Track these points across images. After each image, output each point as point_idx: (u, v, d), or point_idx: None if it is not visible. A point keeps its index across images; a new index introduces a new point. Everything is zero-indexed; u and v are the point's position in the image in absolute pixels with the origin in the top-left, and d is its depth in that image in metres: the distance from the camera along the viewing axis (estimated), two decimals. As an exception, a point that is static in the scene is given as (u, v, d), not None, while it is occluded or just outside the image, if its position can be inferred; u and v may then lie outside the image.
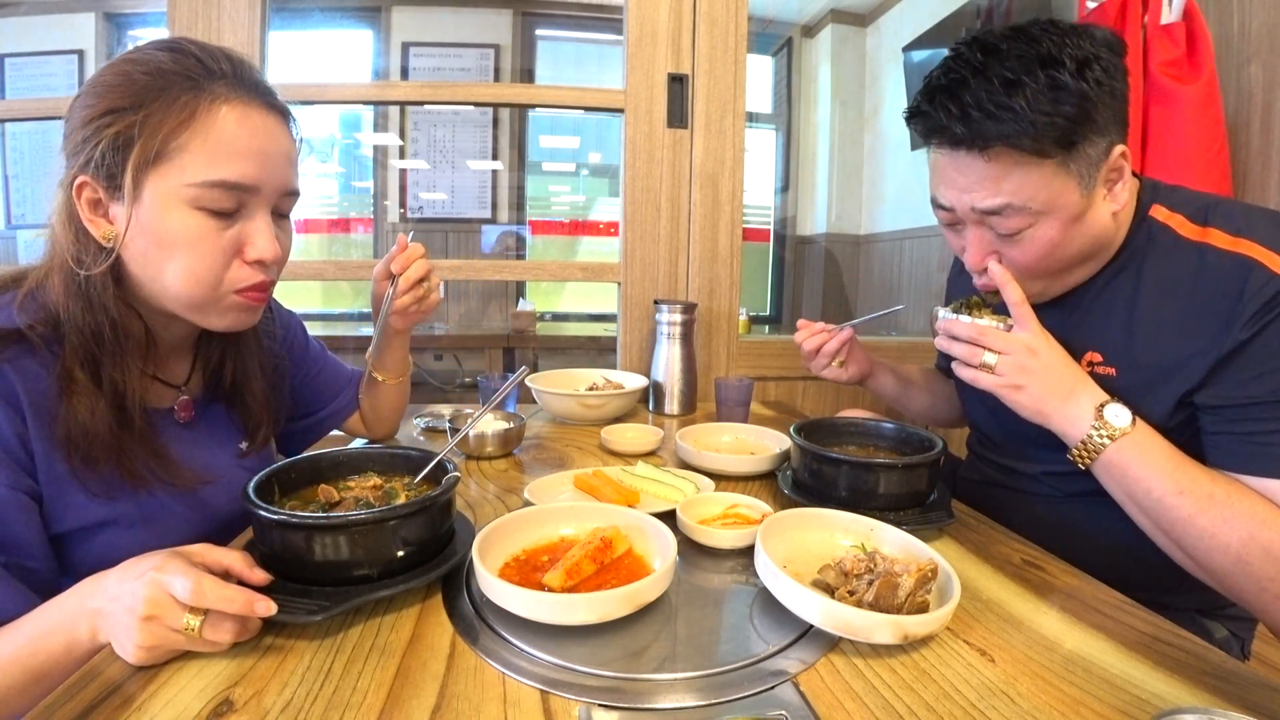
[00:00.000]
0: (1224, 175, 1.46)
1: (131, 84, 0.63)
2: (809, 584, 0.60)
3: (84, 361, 0.64)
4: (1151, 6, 1.45)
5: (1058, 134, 0.68)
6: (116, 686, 0.49)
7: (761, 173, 3.97)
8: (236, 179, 0.65)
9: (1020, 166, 0.70)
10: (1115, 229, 0.78)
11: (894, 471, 0.80)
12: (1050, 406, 0.73)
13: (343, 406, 1.05)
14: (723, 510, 0.80)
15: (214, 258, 0.66)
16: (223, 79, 0.65)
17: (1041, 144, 0.68)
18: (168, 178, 0.63)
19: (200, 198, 0.64)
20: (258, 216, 0.68)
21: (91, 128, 0.62)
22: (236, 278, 0.68)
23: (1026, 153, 0.69)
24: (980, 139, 0.70)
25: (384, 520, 0.60)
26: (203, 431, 0.79)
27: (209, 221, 0.65)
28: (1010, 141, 0.69)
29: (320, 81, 1.53)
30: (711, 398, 1.34)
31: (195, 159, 0.63)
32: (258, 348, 0.84)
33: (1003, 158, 0.71)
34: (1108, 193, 0.75)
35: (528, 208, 3.98)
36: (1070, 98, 0.67)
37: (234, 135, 0.64)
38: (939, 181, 0.79)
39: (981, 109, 0.69)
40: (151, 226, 0.63)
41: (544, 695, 0.49)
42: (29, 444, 0.62)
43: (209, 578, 0.52)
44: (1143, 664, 0.54)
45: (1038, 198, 0.71)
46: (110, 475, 0.66)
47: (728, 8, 1.54)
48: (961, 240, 0.82)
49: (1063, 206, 0.72)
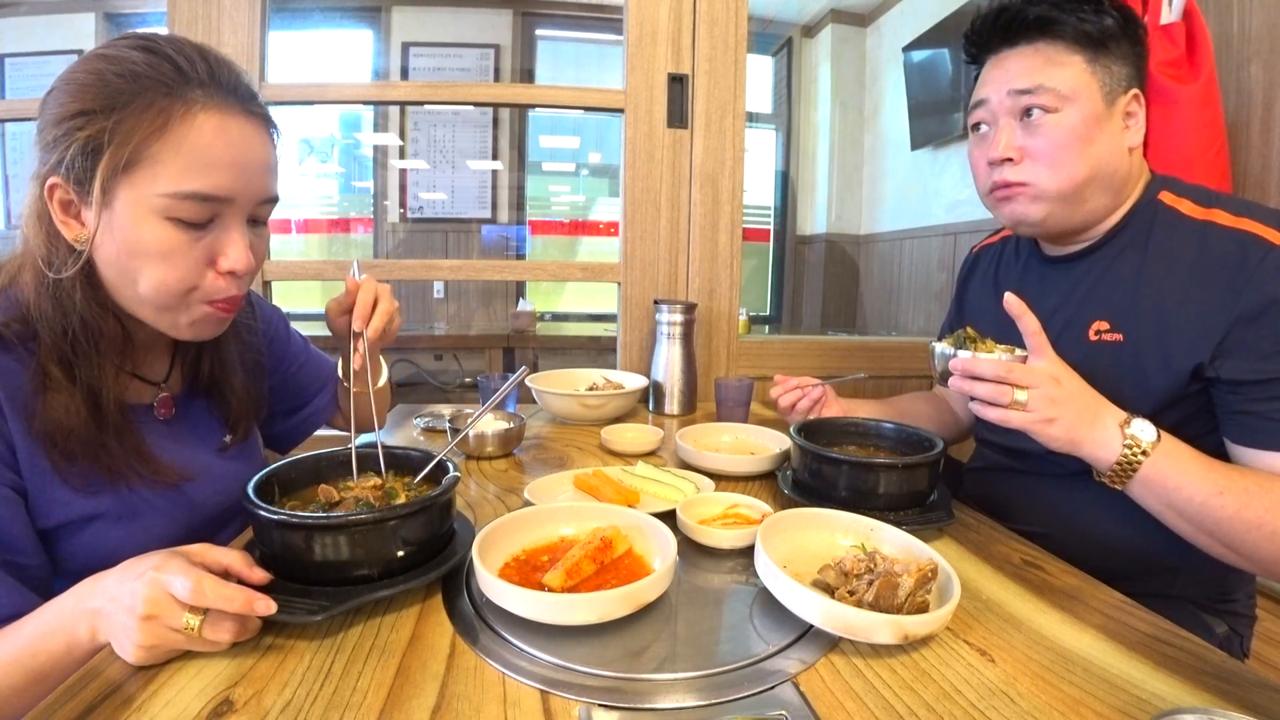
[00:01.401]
0: (1224, 175, 1.45)
1: (104, 85, 0.60)
2: (809, 584, 0.60)
3: (58, 359, 0.64)
4: (1151, 6, 1.45)
5: (1092, 30, 0.80)
6: (116, 686, 0.49)
7: (761, 173, 3.97)
8: (210, 190, 0.63)
9: (1055, 57, 0.82)
10: (1128, 167, 0.84)
11: (894, 471, 0.80)
12: (1081, 434, 0.71)
13: (328, 402, 1.03)
14: (723, 510, 0.80)
15: (185, 269, 0.64)
16: (199, 85, 0.63)
17: (1077, 37, 0.81)
18: (139, 186, 0.61)
19: (172, 208, 0.62)
20: (232, 227, 0.66)
21: (63, 128, 0.60)
22: (209, 289, 0.67)
23: (1063, 41, 0.81)
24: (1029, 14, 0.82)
25: (384, 521, 0.60)
26: (184, 427, 0.78)
27: (181, 233, 0.63)
28: (1049, 33, 0.82)
29: (320, 81, 1.53)
30: (711, 398, 1.34)
31: (168, 169, 0.61)
32: (236, 341, 0.84)
33: (1042, 47, 0.83)
34: (1124, 126, 0.83)
35: (528, 208, 3.98)
36: (1103, 14, 0.81)
37: (209, 145, 0.62)
38: (981, 85, 0.89)
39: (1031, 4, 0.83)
40: (122, 234, 0.62)
41: (544, 695, 0.49)
42: (10, 439, 0.62)
43: (209, 577, 0.52)
44: (1143, 664, 0.54)
45: (1067, 83, 0.81)
46: (90, 470, 0.65)
47: (728, 8, 1.54)
48: (984, 147, 0.87)
49: (1086, 101, 0.81)
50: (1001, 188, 0.86)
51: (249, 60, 1.43)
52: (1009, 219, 0.89)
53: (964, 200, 2.80)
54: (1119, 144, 0.82)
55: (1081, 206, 0.84)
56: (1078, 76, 0.81)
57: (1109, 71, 0.81)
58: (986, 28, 0.88)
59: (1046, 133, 0.81)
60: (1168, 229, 0.82)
